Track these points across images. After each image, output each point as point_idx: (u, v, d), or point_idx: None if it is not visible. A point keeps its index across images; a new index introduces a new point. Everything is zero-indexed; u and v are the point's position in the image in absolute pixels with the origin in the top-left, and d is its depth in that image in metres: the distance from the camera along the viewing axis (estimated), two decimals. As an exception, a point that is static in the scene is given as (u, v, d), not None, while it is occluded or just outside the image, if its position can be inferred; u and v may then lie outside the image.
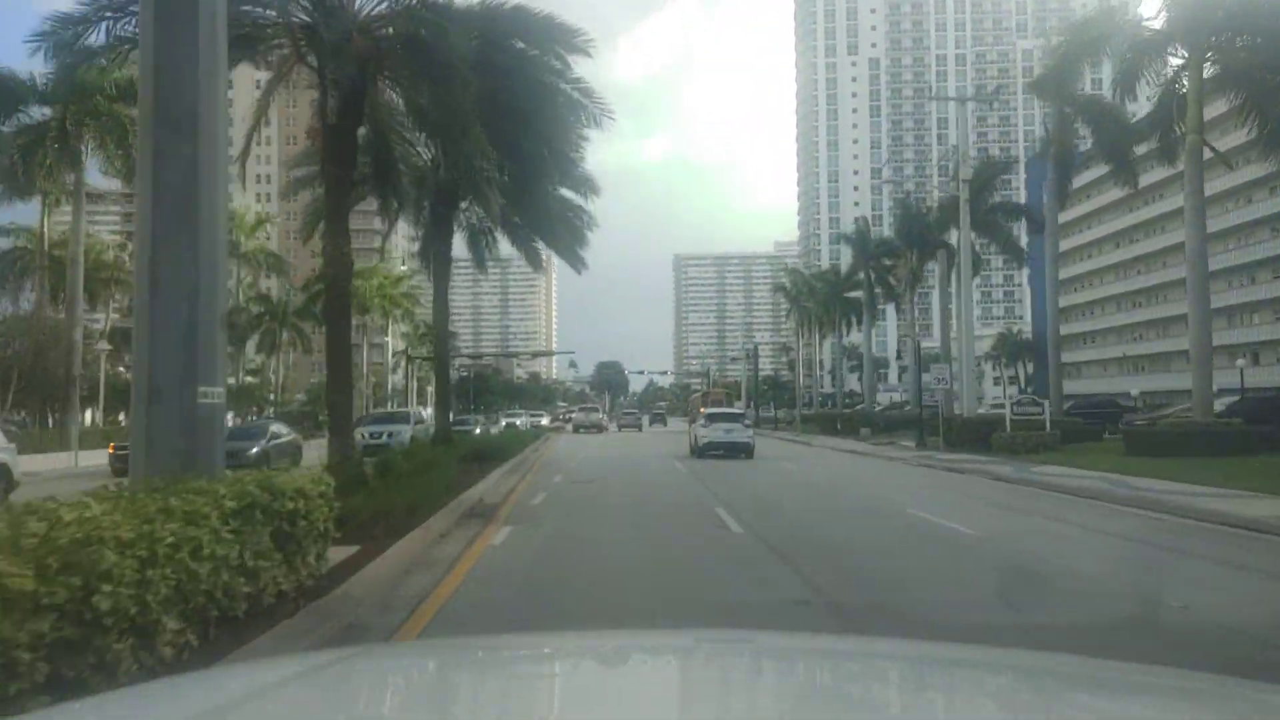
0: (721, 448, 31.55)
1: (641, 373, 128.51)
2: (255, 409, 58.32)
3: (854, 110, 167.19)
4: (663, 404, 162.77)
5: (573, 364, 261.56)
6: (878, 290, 65.50)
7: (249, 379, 71.93)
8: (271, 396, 64.33)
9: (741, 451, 31.45)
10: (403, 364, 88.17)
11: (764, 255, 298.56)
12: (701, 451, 32.05)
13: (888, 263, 65.35)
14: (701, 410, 41.72)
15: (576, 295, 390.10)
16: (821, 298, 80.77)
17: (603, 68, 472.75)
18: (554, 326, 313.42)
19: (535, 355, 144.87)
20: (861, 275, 66.58)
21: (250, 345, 64.83)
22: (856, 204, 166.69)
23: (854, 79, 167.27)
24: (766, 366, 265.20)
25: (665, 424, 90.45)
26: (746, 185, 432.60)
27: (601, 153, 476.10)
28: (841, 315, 74.67)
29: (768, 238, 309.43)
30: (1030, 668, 2.37)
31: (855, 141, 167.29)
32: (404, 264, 67.65)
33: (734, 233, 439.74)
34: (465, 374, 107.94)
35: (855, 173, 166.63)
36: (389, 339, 75.25)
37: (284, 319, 58.19)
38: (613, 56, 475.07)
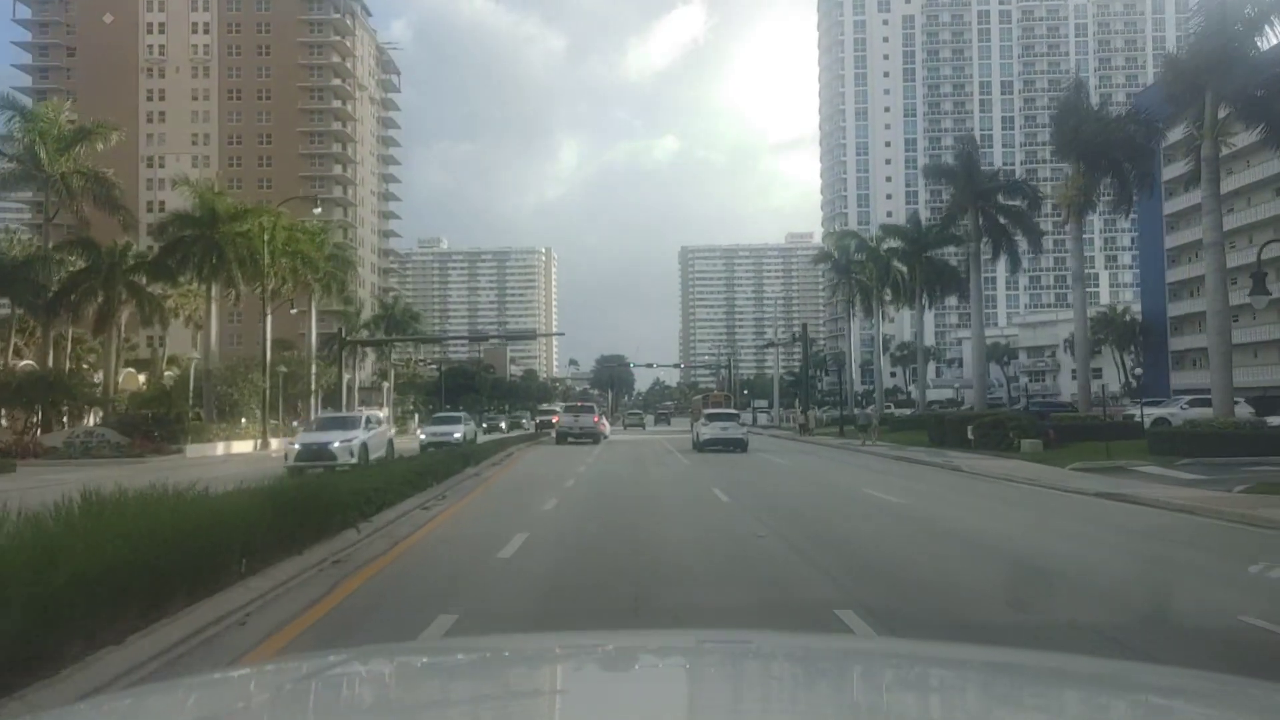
0: (719, 443, 35.55)
1: (650, 365, 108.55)
2: (61, 410, 37.99)
3: (885, 74, 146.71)
4: (670, 403, 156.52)
5: (573, 361, 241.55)
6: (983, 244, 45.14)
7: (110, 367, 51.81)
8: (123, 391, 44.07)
9: (736, 446, 35.30)
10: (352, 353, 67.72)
11: (775, 247, 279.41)
12: (702, 446, 35.88)
13: (1009, 202, 45.04)
14: (703, 411, 45.69)
15: (579, 292, 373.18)
16: (884, 263, 60.44)
17: (612, 68, 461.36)
18: (554, 323, 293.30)
19: (511, 339, 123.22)
20: (964, 223, 46.32)
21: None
22: (889, 178, 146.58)
23: (885, 39, 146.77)
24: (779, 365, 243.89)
25: (669, 423, 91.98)
26: (758, 186, 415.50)
27: (610, 153, 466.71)
28: (923, 282, 54.20)
29: (780, 231, 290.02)
30: (1034, 667, 2.31)
31: (887, 110, 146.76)
32: (318, 207, 47.40)
33: (746, 229, 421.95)
34: (440, 369, 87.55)
35: (887, 144, 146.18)
36: (305, 311, 54.71)
37: (114, 274, 37.89)
38: (622, 57, 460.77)
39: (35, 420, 35.57)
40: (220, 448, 42.11)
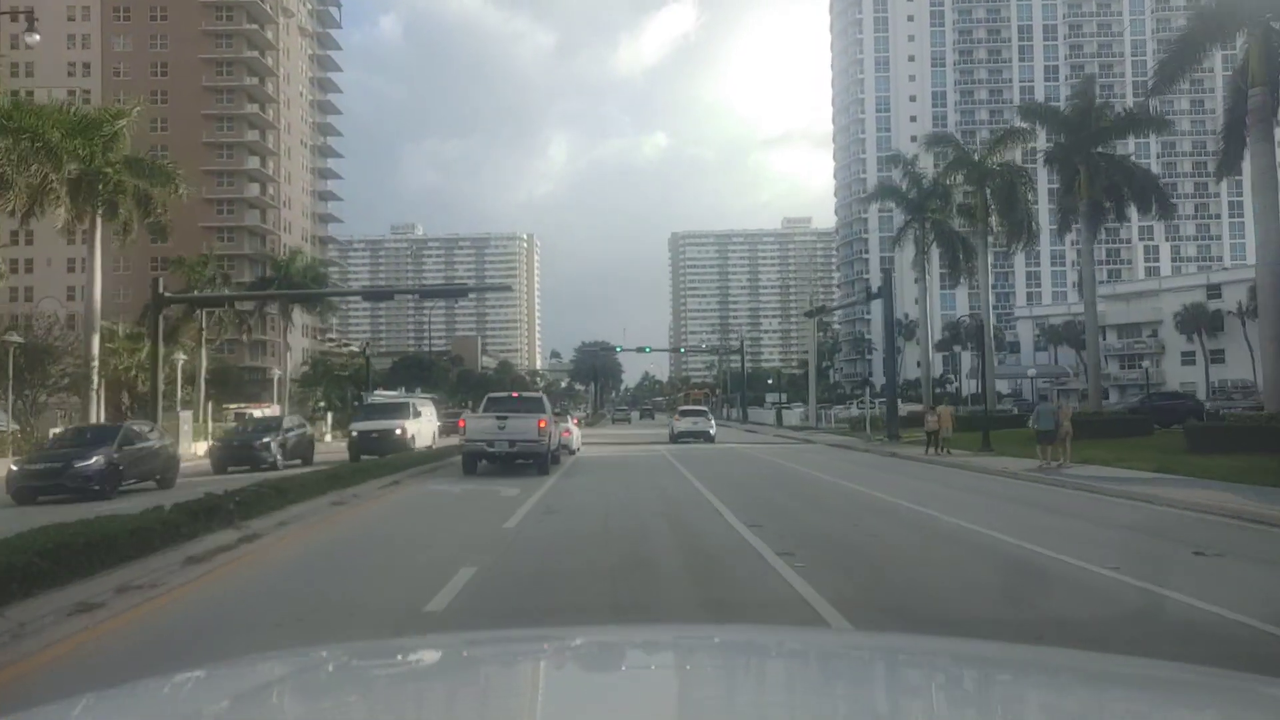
0: (690, 435, 38.63)
1: (642, 350, 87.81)
2: None
3: (910, 18, 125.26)
4: (660, 398, 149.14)
5: (555, 353, 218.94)
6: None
7: None
8: None
9: (703, 438, 38.52)
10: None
11: (771, 232, 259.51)
12: (676, 439, 38.67)
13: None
14: (678, 409, 54.43)
15: (567, 287, 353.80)
16: (1002, 181, 39.17)
17: (602, 65, 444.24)
18: (536, 314, 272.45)
19: (430, 295, 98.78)
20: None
21: None
22: (914, 138, 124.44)
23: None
24: (775, 358, 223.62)
25: (653, 418, 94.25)
26: (747, 182, 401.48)
27: (600, 149, 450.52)
28: (1089, 195, 32.70)
29: (771, 224, 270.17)
30: (1018, 661, 2.22)
31: (912, 59, 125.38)
32: (34, 35, 25.66)
33: (736, 224, 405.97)
34: (366, 354, 65.75)
35: (912, 99, 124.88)
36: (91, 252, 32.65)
37: None
38: (612, 53, 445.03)
39: None
40: None
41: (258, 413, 51.90)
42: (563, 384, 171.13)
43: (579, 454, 31.00)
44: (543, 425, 20.96)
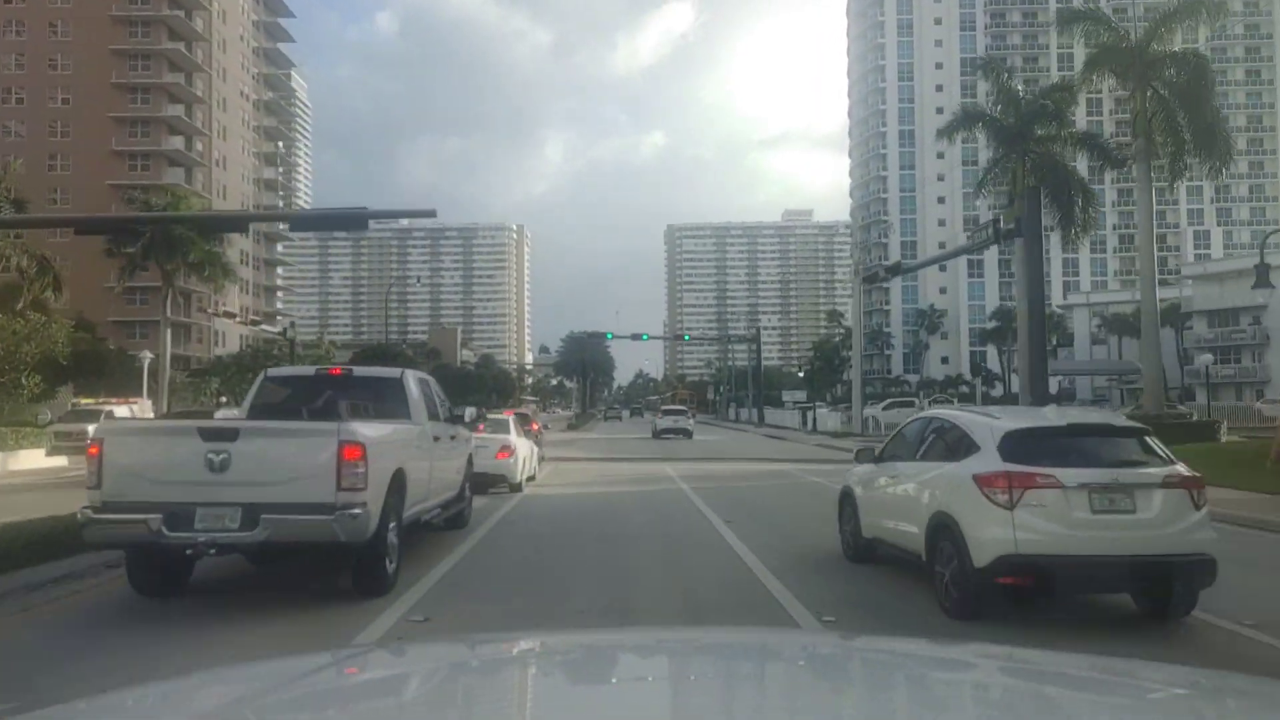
0: (670, 431, 43.28)
1: (639, 337, 74.65)
2: None
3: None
4: (654, 397, 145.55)
5: (545, 348, 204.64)
6: None
7: None
8: None
9: (682, 434, 43.11)
10: None
11: (771, 225, 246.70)
12: (658, 435, 43.27)
13: None
14: (660, 408, 61.44)
15: (561, 285, 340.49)
16: (1180, 73, 25.43)
17: (600, 65, 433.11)
18: (526, 308, 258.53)
19: (320, 225, 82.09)
20: None
21: None
22: (940, 110, 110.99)
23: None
24: (774, 356, 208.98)
25: (642, 416, 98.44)
26: (744, 182, 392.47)
27: (597, 149, 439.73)
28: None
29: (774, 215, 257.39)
30: (999, 662, 2.18)
31: (938, 22, 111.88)
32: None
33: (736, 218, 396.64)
34: (290, 339, 51.77)
35: (938, 66, 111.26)
36: None
37: None
38: (610, 53, 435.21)
39: None
40: None
41: (121, 409, 38.03)
42: (552, 381, 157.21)
43: (530, 489, 17.10)
44: (353, 456, 6.63)
